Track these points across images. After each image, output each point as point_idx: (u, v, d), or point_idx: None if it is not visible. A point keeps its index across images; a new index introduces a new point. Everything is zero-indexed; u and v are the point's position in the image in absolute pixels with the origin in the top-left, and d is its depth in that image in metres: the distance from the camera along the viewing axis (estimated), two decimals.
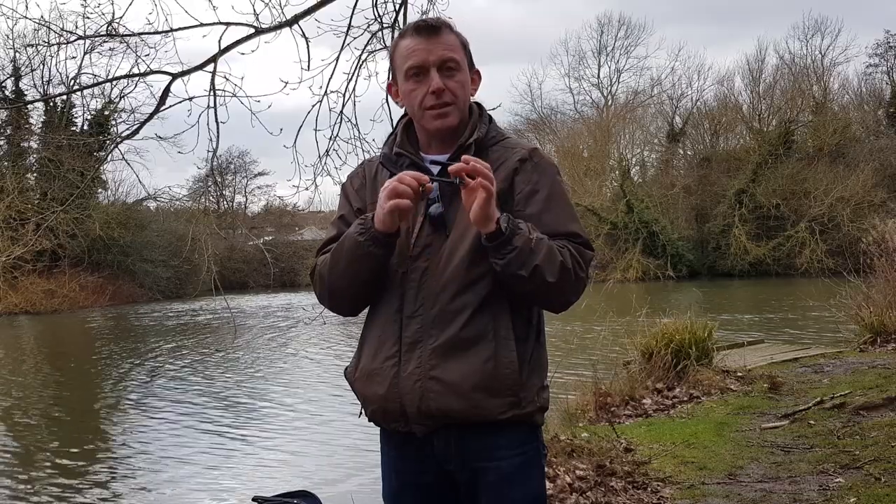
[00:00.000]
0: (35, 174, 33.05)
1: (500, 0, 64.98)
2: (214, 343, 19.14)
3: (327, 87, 5.38)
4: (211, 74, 5.18)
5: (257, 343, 18.64)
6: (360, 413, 2.03)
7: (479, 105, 2.06)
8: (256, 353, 17.04)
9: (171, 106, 5.27)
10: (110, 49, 7.36)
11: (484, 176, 1.76)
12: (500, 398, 1.85)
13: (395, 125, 2.11)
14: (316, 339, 18.01)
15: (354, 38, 5.35)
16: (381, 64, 5.65)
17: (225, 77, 5.22)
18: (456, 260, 1.88)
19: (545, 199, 1.92)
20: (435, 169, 1.95)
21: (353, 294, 1.98)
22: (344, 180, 2.20)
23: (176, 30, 5.13)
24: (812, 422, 6.10)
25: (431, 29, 1.95)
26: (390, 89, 2.08)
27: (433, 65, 1.92)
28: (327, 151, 5.52)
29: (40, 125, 33.64)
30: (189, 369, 14.91)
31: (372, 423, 2.03)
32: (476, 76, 2.05)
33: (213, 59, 5.17)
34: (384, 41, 5.37)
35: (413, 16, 5.23)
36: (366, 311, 2.06)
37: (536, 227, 1.89)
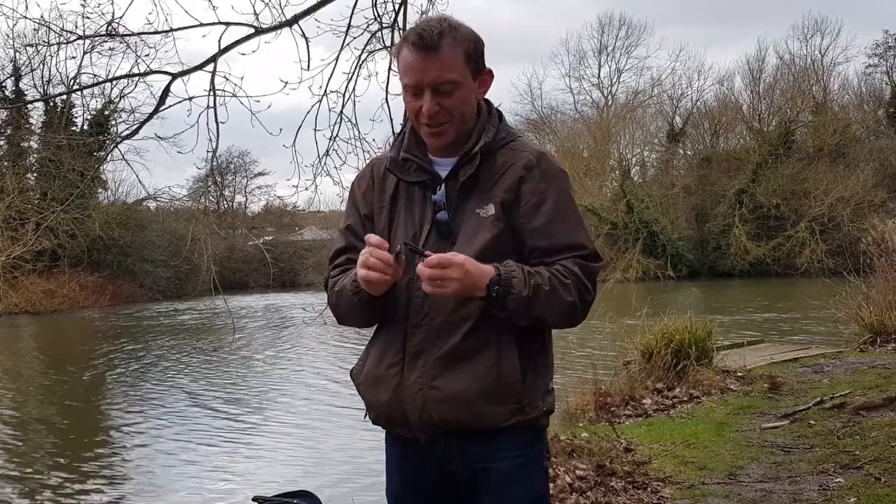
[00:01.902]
0: (35, 174, 33.02)
1: (500, 0, 64.98)
2: (214, 343, 19.14)
3: (327, 87, 5.39)
4: (211, 74, 5.19)
5: (257, 343, 18.65)
6: (365, 415, 2.04)
7: (488, 103, 2.00)
8: (256, 352, 17.04)
9: (170, 106, 5.28)
10: (110, 49, 7.35)
11: (442, 279, 1.74)
12: (502, 406, 1.85)
13: (402, 127, 2.07)
14: (316, 340, 18.02)
15: (354, 38, 5.36)
16: (381, 64, 5.66)
17: (225, 77, 5.23)
18: None
19: (551, 210, 1.89)
20: (443, 172, 1.93)
21: (361, 325, 2.02)
22: (343, 180, 2.20)
23: (176, 30, 5.15)
24: (812, 422, 6.10)
25: (428, 47, 1.85)
26: None
27: (427, 86, 1.86)
28: (327, 151, 5.53)
29: (40, 125, 33.62)
30: (188, 369, 14.91)
31: (377, 426, 2.04)
32: (487, 76, 1.97)
33: (213, 59, 5.18)
34: (384, 41, 5.38)
35: (413, 16, 5.24)
36: None
37: (543, 239, 1.87)
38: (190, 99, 5.16)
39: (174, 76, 5.22)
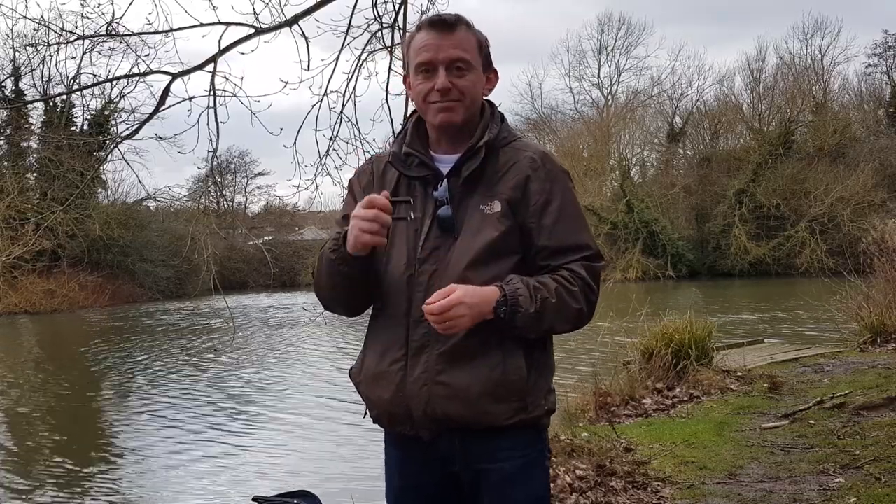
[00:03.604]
0: (35, 174, 33.01)
1: (499, 0, 64.89)
2: (214, 343, 19.13)
3: (327, 87, 5.38)
4: (211, 74, 5.18)
5: (257, 343, 18.64)
6: (365, 414, 2.03)
7: (490, 104, 2.02)
8: (256, 352, 17.04)
9: (170, 106, 5.28)
10: (110, 49, 7.35)
11: (450, 319, 1.75)
12: (506, 404, 1.85)
13: (405, 122, 2.07)
14: (316, 339, 18.02)
15: (354, 38, 5.36)
16: (381, 64, 5.66)
17: (225, 77, 5.23)
18: (464, 263, 1.86)
19: (558, 210, 1.91)
20: (444, 169, 1.93)
21: (338, 302, 2.00)
22: (343, 180, 2.20)
23: (176, 30, 5.14)
24: (812, 422, 6.10)
25: (446, 25, 1.90)
26: (405, 81, 2.04)
27: (442, 63, 1.89)
28: (327, 151, 5.52)
29: (40, 125, 33.61)
30: (188, 369, 14.91)
31: (376, 425, 2.03)
32: (493, 76, 2.01)
33: (213, 59, 5.17)
34: (384, 41, 5.37)
35: (413, 16, 5.23)
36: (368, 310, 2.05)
37: (551, 239, 1.88)
38: (190, 99, 5.16)
39: (174, 76, 5.22)
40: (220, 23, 5.02)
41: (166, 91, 5.23)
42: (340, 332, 17.42)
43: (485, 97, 2.00)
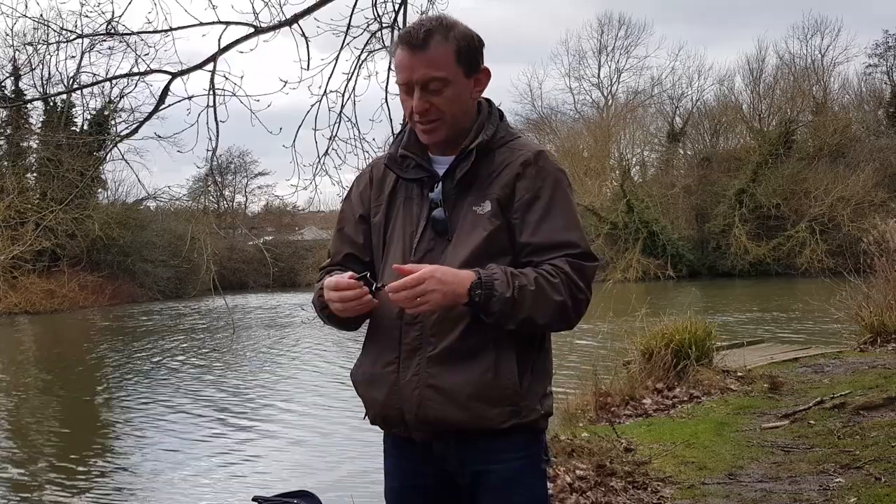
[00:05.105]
0: (35, 174, 33.04)
1: (499, 0, 64.89)
2: (214, 343, 19.13)
3: (326, 86, 5.38)
4: (210, 73, 5.18)
5: (257, 343, 18.64)
6: (365, 415, 2.03)
7: (488, 102, 1.99)
8: (256, 352, 17.04)
9: (170, 105, 5.28)
10: (110, 48, 7.35)
11: (414, 296, 1.73)
12: (499, 408, 1.83)
13: (402, 126, 2.06)
14: (315, 339, 18.01)
15: (354, 38, 5.36)
16: (381, 64, 5.66)
17: (224, 76, 5.22)
18: (455, 265, 1.83)
19: (545, 207, 1.87)
20: (442, 170, 1.92)
21: (342, 329, 2.03)
22: (343, 179, 2.21)
23: (175, 29, 5.14)
24: (812, 422, 6.09)
25: (416, 43, 1.86)
26: None
27: (416, 84, 1.86)
28: (326, 151, 5.52)
29: (40, 125, 33.61)
30: (188, 369, 14.90)
31: (375, 426, 2.03)
32: (482, 76, 1.95)
33: (213, 59, 5.17)
34: (384, 41, 5.37)
35: (413, 16, 5.23)
36: None
37: (534, 235, 1.85)
38: (190, 98, 5.16)
39: (174, 75, 5.21)
40: (219, 22, 5.02)
41: (166, 90, 5.24)
42: (340, 332, 17.37)
43: (477, 99, 1.96)
